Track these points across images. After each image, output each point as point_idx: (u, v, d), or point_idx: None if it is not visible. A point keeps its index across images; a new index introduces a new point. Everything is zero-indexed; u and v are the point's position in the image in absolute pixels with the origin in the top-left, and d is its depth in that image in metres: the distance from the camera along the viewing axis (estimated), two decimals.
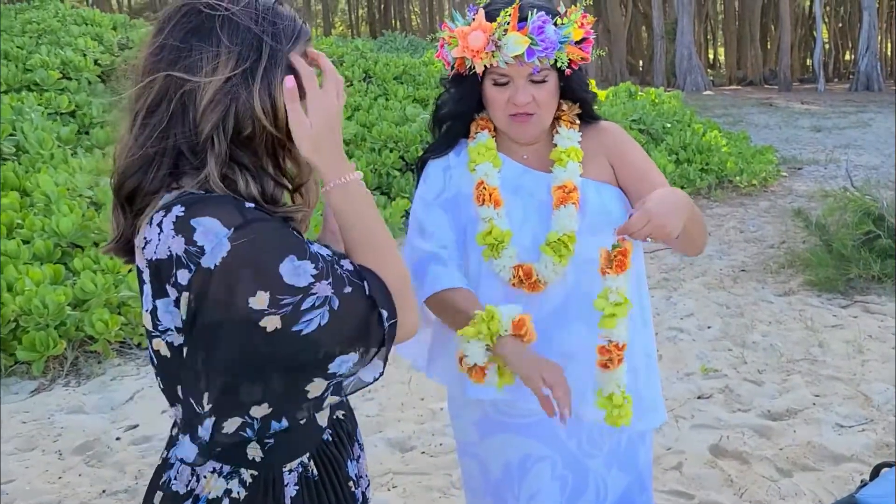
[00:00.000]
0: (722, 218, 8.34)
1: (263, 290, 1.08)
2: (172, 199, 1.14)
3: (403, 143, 8.36)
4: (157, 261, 1.12)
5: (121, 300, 4.79)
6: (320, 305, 1.11)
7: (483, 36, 1.68)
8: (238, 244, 1.08)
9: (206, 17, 1.15)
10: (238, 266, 1.08)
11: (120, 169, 1.20)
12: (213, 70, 1.14)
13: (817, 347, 4.62)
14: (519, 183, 1.82)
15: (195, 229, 1.09)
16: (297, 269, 1.10)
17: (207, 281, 1.09)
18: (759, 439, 3.58)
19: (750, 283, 5.98)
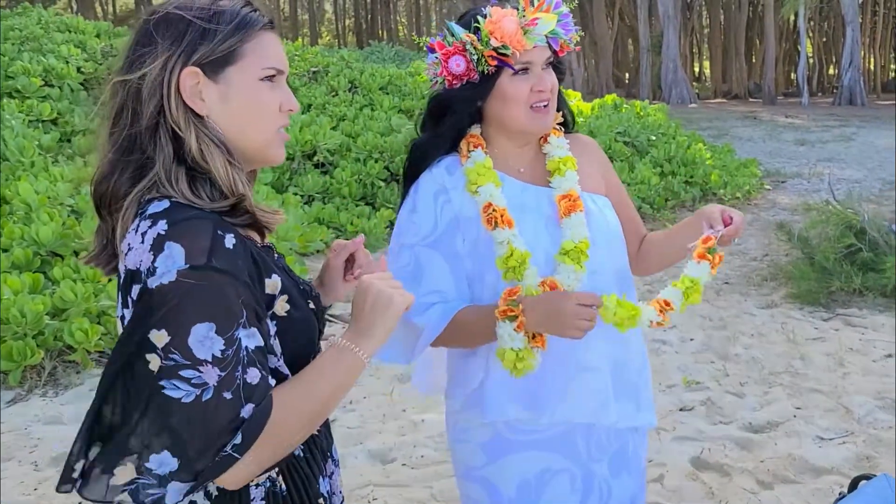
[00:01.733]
0: None
1: (168, 332, 1.08)
2: (163, 210, 1.14)
3: (388, 154, 8.36)
4: (129, 270, 1.12)
5: (100, 310, 4.74)
6: (195, 385, 1.08)
7: (515, 20, 1.69)
8: (181, 281, 1.08)
9: (146, 23, 1.21)
10: (165, 298, 1.08)
11: (94, 177, 1.22)
12: (149, 66, 1.18)
13: (799, 360, 4.64)
14: (522, 200, 1.78)
15: (163, 251, 1.09)
16: (206, 341, 1.08)
17: (144, 300, 1.09)
18: (741, 452, 3.58)
19: (733, 295, 6.00)
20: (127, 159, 1.19)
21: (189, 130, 1.18)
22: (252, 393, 1.11)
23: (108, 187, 1.20)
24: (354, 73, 11.20)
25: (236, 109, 1.21)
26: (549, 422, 1.78)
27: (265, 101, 1.23)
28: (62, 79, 8.56)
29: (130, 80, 1.18)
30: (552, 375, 1.75)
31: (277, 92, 1.24)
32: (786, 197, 10.21)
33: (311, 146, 8.21)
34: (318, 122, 8.75)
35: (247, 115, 1.22)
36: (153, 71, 1.17)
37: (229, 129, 1.21)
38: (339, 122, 9.20)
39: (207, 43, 1.18)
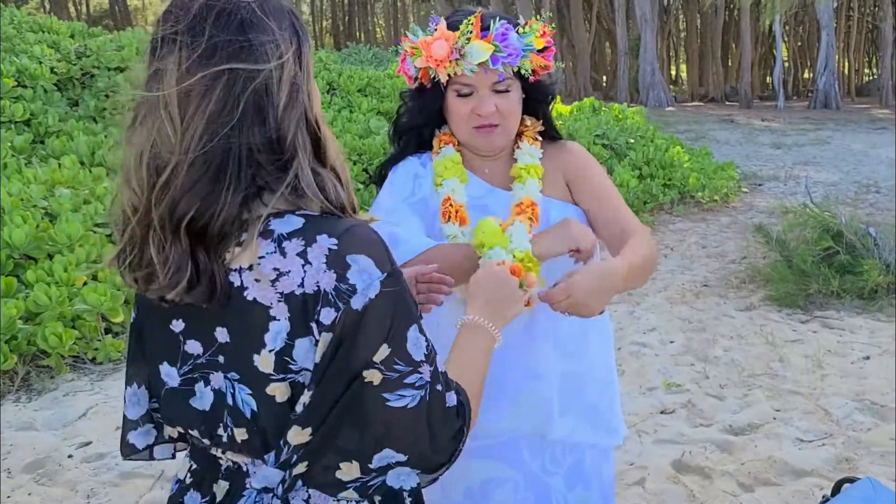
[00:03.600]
0: (684, 233, 8.42)
1: (388, 345, 1.04)
2: (303, 225, 1.04)
3: (367, 156, 8.32)
4: (304, 295, 1.02)
5: (75, 314, 4.67)
6: (419, 387, 1.07)
7: (446, 45, 1.66)
8: (385, 292, 1.03)
9: (248, 9, 1.05)
10: (379, 313, 1.03)
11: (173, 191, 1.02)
12: (279, 59, 1.04)
13: (778, 362, 4.66)
14: (484, 202, 1.79)
15: (350, 266, 1.02)
16: (417, 342, 1.07)
17: (354, 322, 1.02)
18: (721, 454, 3.58)
19: (712, 297, 6.02)
20: (238, 173, 1.02)
21: (319, 129, 1.10)
22: (448, 380, 1.12)
23: (218, 211, 1.01)
24: (332, 75, 11.15)
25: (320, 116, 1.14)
26: (497, 429, 1.78)
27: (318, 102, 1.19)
28: (35, 79, 8.44)
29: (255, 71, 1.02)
30: (501, 382, 1.74)
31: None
32: (763, 200, 10.29)
33: None
34: None
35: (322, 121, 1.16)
36: (289, 63, 1.05)
37: None
38: None
39: (306, 41, 1.11)
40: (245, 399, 1.09)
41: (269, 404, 1.08)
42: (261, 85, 1.02)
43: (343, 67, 12.12)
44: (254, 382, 1.08)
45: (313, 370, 1.05)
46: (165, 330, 1.15)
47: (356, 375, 1.04)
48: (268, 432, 1.10)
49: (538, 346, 1.77)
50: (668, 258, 7.33)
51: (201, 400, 1.13)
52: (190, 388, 1.14)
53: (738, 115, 24.92)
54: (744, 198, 10.46)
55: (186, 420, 1.16)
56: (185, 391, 1.15)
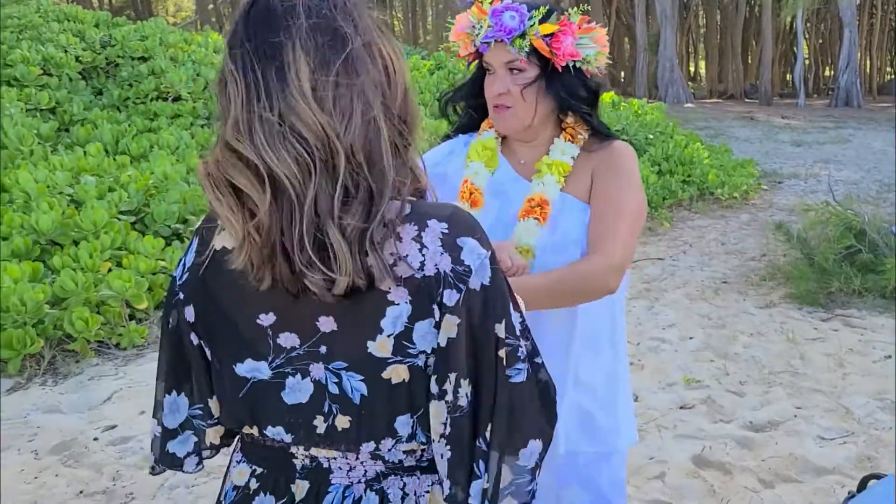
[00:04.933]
0: (703, 230, 8.39)
1: (504, 321, 1.07)
2: (411, 210, 1.06)
3: None
4: (424, 278, 1.04)
5: (100, 299, 4.73)
6: (524, 360, 1.09)
7: (466, 17, 1.74)
8: (494, 268, 1.07)
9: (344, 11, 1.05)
10: (496, 291, 1.07)
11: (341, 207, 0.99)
12: (387, 42, 1.07)
13: (798, 360, 4.65)
14: (504, 188, 1.82)
15: (462, 248, 1.06)
16: (515, 315, 1.10)
17: (476, 301, 1.05)
18: (742, 450, 3.58)
19: (731, 294, 6.01)
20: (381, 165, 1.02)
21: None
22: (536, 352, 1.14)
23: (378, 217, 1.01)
24: None
25: None
26: None
27: None
28: (60, 68, 8.51)
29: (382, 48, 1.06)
30: None
31: None
32: (783, 197, 10.24)
33: None
34: None
35: None
36: (392, 57, 1.07)
37: None
38: None
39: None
40: (355, 385, 1.09)
41: (384, 388, 1.08)
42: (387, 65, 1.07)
43: None
44: (367, 368, 1.08)
45: (441, 354, 1.06)
46: (250, 326, 1.11)
47: (492, 356, 1.07)
48: (376, 417, 1.09)
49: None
50: (686, 254, 7.32)
51: (296, 393, 1.11)
52: (281, 381, 1.11)
53: (758, 113, 24.75)
54: (764, 195, 10.42)
55: (274, 415, 1.13)
56: (276, 384, 1.12)
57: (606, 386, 1.86)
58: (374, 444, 1.11)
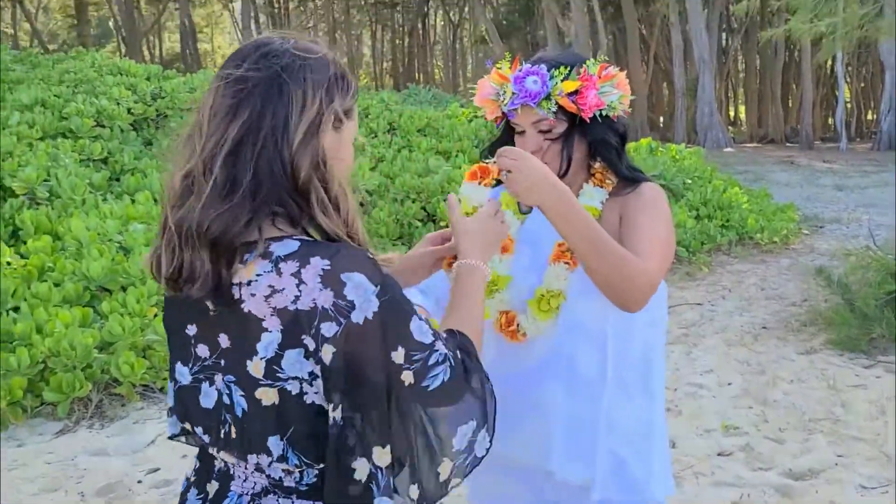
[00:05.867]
0: (742, 274, 8.34)
1: (402, 345, 1.17)
2: (298, 249, 1.17)
3: (425, 195, 8.48)
4: (297, 311, 1.15)
5: (146, 344, 4.86)
6: (442, 362, 1.20)
7: (489, 84, 1.79)
8: (383, 301, 1.16)
9: (292, 55, 1.22)
10: (383, 322, 1.15)
11: (201, 209, 1.17)
12: (302, 106, 1.19)
13: (839, 407, 4.59)
14: (538, 235, 1.84)
15: (345, 284, 1.15)
16: (421, 328, 1.19)
17: (357, 335, 1.14)
18: (781, 499, 3.55)
19: (771, 340, 5.96)
20: (259, 200, 1.17)
21: (332, 174, 1.24)
22: (454, 341, 1.27)
23: (231, 226, 1.16)
24: (394, 116, 11.41)
25: (340, 164, 1.27)
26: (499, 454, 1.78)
27: (351, 160, 1.32)
28: (113, 119, 8.84)
29: (276, 114, 1.18)
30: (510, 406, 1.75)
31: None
32: (824, 242, 10.13)
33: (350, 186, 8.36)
34: (357, 162, 8.88)
35: (345, 170, 1.29)
36: (311, 107, 1.20)
37: None
38: (378, 163, 9.36)
39: (345, 95, 1.26)
40: (238, 400, 1.22)
41: (257, 407, 1.20)
42: (281, 122, 1.18)
43: (404, 108, 12.38)
44: (246, 385, 1.21)
45: (325, 381, 1.16)
46: (182, 333, 1.29)
47: (390, 384, 1.16)
48: (253, 432, 1.21)
49: (548, 385, 1.79)
50: (725, 299, 7.28)
51: (207, 398, 1.26)
52: (198, 386, 1.27)
53: (798, 157, 24.54)
54: (804, 240, 10.32)
55: (195, 416, 1.29)
56: (194, 388, 1.28)
57: (641, 433, 1.84)
58: (255, 457, 1.22)
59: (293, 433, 1.20)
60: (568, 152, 1.77)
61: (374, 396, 1.15)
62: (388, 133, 10.86)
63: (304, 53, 1.23)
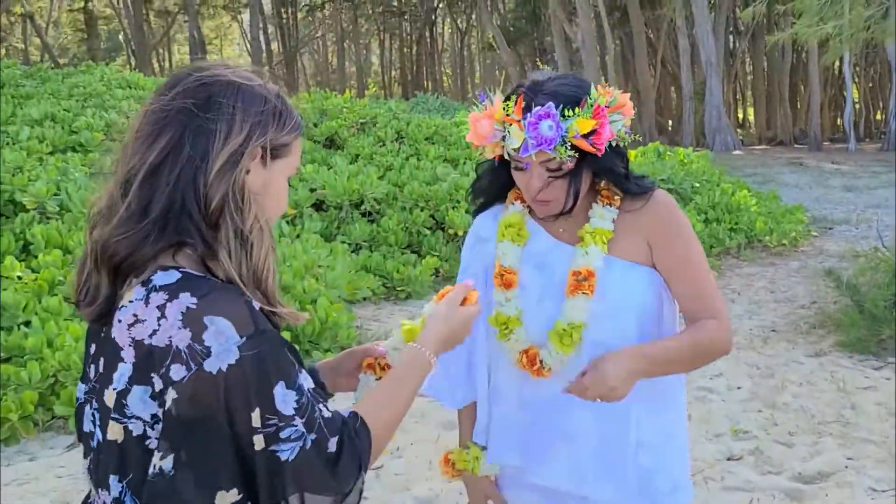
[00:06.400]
0: (751, 277, 8.32)
1: (259, 406, 1.09)
2: (175, 281, 1.11)
3: (434, 203, 8.51)
4: (151, 346, 1.09)
5: None
6: (296, 439, 1.11)
7: (488, 124, 1.67)
8: (246, 355, 1.08)
9: (225, 87, 1.18)
10: (241, 377, 1.07)
11: (110, 231, 1.15)
12: (226, 137, 1.15)
13: (849, 409, 4.58)
14: (544, 259, 1.79)
15: (206, 328, 1.08)
16: (286, 397, 1.10)
17: (207, 384, 1.07)
18: (791, 502, 3.54)
19: (780, 343, 5.95)
20: (165, 226, 1.13)
21: (250, 208, 1.16)
22: (330, 426, 1.15)
23: (135, 249, 1.13)
24: (401, 124, 11.46)
25: (267, 200, 1.22)
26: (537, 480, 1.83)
27: (285, 199, 1.27)
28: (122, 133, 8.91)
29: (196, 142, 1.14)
30: (539, 435, 1.80)
31: (287, 194, 1.28)
32: (833, 244, 10.10)
33: (358, 195, 8.40)
34: (366, 171, 8.96)
35: (273, 209, 1.24)
36: (234, 139, 1.15)
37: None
38: (386, 172, 9.40)
39: (278, 130, 1.20)
40: (97, 429, 1.17)
41: (107, 440, 1.14)
42: (201, 150, 1.13)
43: (411, 116, 12.43)
44: (103, 415, 1.15)
45: (154, 423, 1.09)
46: (87, 351, 1.26)
47: (241, 444, 1.08)
48: (101, 467, 1.15)
49: (575, 411, 1.77)
50: (735, 303, 7.26)
51: (87, 421, 1.21)
52: (83, 406, 1.23)
53: (807, 158, 24.45)
54: (814, 242, 10.29)
55: (81, 437, 1.24)
56: (81, 409, 1.24)
57: (666, 445, 1.84)
58: (104, 492, 1.16)
59: (132, 478, 1.13)
60: (576, 187, 1.70)
61: (213, 454, 1.08)
62: (395, 142, 10.91)
63: (239, 82, 1.18)
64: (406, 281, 7.24)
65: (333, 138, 10.71)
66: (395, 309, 6.97)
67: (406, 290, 7.26)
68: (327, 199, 8.32)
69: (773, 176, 18.89)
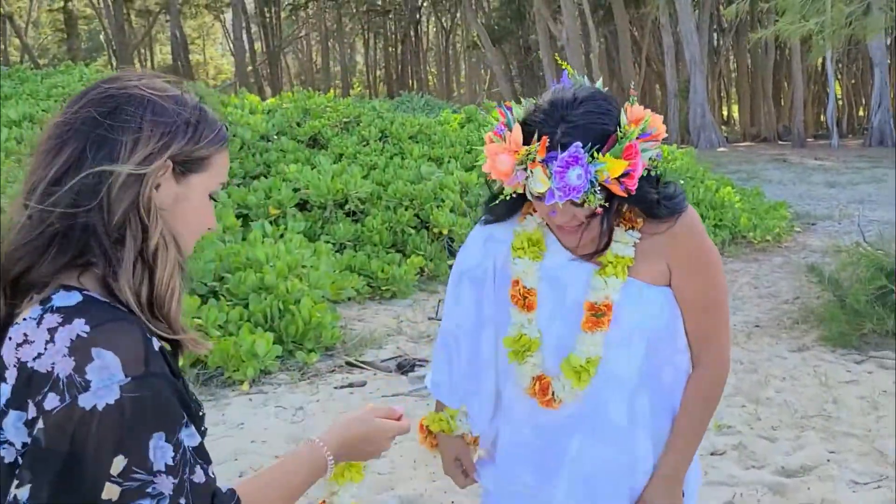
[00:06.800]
0: (735, 273, 8.36)
1: (125, 455, 1.00)
2: (74, 304, 1.06)
3: (418, 202, 8.49)
4: (33, 371, 1.02)
5: None
6: (154, 496, 1.02)
7: (510, 161, 1.53)
8: (126, 397, 1.00)
9: (133, 98, 1.12)
10: (117, 419, 1.00)
11: (8, 245, 1.09)
12: (131, 151, 1.09)
13: (832, 403, 4.60)
14: (558, 275, 1.71)
15: (92, 360, 1.01)
16: (158, 451, 1.03)
17: (78, 420, 0.99)
18: (774, 496, 3.55)
19: (764, 338, 5.97)
20: (65, 241, 1.07)
21: (155, 224, 1.11)
22: (199, 494, 1.07)
23: (33, 264, 1.07)
24: (385, 123, 11.44)
25: (182, 217, 1.16)
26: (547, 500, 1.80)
27: (206, 216, 1.21)
28: None
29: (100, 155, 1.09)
30: (553, 458, 1.78)
31: (211, 210, 1.22)
32: (816, 239, 10.17)
33: (342, 195, 8.37)
34: (350, 171, 8.93)
35: (189, 226, 1.18)
36: (140, 151, 1.09)
37: None
38: (370, 171, 9.37)
39: (192, 143, 1.14)
40: None
41: None
42: (104, 169, 1.07)
43: (395, 115, 12.41)
44: None
45: (29, 452, 1.02)
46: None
47: (91, 490, 0.99)
48: None
49: (577, 436, 1.75)
50: None
51: None
52: None
53: (791, 155, 24.62)
54: (797, 237, 10.35)
55: None
56: None
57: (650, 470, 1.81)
58: None
59: None
60: (609, 224, 1.61)
61: (73, 492, 0.99)
62: (380, 141, 10.88)
63: (148, 93, 1.13)
64: (391, 280, 7.22)
65: (317, 138, 10.67)
66: (380, 308, 6.95)
67: (391, 290, 7.24)
68: (311, 199, 8.29)
69: (756, 172, 19.00)
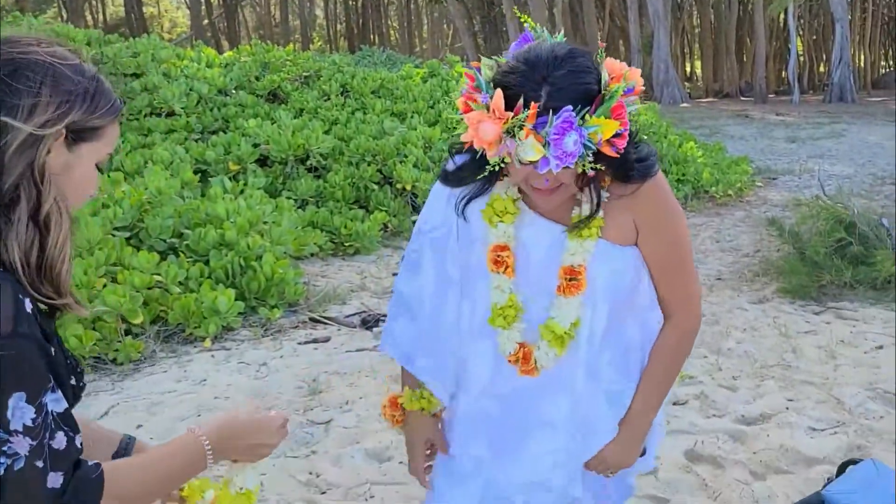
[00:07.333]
0: (698, 228, 8.43)
1: None
2: None
3: (381, 157, 8.39)
4: None
5: (95, 315, 4.76)
6: (9, 455, 1.05)
7: (495, 129, 1.43)
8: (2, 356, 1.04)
9: (33, 63, 1.14)
10: None
11: None
12: (28, 115, 1.11)
13: (791, 353, 4.68)
14: (528, 235, 1.68)
15: None
16: (18, 410, 1.05)
17: None
18: (733, 444, 3.61)
19: (725, 291, 6.04)
20: None
21: (49, 188, 1.14)
22: (59, 460, 1.08)
23: None
24: (346, 78, 11.24)
25: (69, 184, 1.18)
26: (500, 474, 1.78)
27: (91, 184, 1.24)
28: None
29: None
30: (512, 429, 1.75)
31: (95, 178, 1.25)
32: (777, 193, 10.28)
33: (303, 150, 8.24)
34: (311, 126, 8.77)
35: (75, 192, 1.21)
36: (38, 117, 1.11)
37: None
38: (332, 126, 9.22)
39: (88, 112, 1.17)
40: None
41: None
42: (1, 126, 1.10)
43: (357, 69, 12.20)
44: None
45: None
46: None
47: None
48: None
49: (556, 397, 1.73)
50: None
51: None
52: None
53: (753, 110, 24.82)
54: (758, 192, 10.46)
55: None
56: None
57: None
58: None
59: None
60: (598, 189, 1.58)
61: None
62: (341, 95, 10.70)
63: (50, 60, 1.14)
64: (354, 236, 7.15)
65: (276, 92, 10.45)
66: (343, 264, 6.89)
67: (354, 246, 7.18)
68: (271, 155, 8.14)
69: (719, 128, 19.13)
